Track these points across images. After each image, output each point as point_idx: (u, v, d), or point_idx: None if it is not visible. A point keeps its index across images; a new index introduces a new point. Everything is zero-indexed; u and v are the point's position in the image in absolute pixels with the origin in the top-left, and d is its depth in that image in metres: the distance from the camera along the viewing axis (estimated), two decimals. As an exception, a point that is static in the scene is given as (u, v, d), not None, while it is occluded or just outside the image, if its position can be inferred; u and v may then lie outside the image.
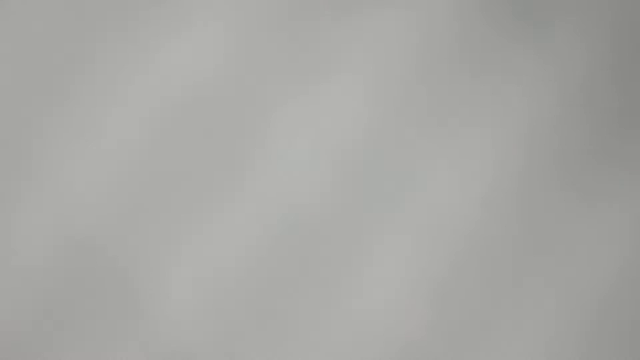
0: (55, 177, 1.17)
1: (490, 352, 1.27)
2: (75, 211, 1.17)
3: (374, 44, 1.28)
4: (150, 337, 1.18)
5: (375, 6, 1.28)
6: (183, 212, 1.21)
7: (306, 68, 1.25)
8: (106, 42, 1.20)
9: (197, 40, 1.23)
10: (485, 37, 1.31)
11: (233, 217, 1.22)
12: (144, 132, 1.21)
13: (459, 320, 1.27)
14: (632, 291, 1.33)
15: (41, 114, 1.18)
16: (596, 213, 1.33)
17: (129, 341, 1.17)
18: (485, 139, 1.30)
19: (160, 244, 1.19)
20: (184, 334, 1.19)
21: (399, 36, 1.29)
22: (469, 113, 1.30)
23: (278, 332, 1.22)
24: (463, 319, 1.27)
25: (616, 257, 1.33)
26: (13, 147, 1.17)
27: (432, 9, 1.30)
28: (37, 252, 1.16)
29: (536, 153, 1.32)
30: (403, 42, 1.29)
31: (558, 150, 1.33)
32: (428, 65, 1.29)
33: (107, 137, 1.19)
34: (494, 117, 1.31)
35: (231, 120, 1.23)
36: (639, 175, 1.35)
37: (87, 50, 1.20)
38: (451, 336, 1.26)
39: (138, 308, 1.18)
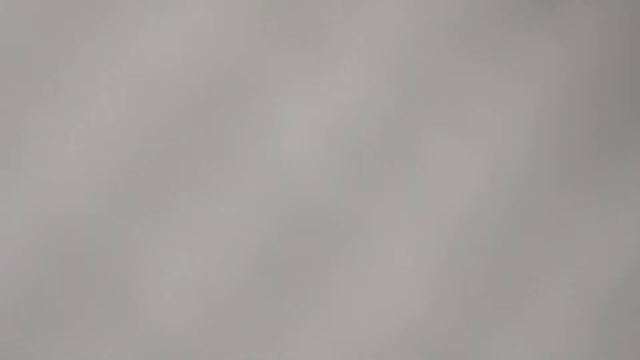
0: (37, 161, 1.17)
1: (493, 334, 1.30)
2: (60, 197, 1.17)
3: (384, 23, 1.29)
4: (143, 328, 1.19)
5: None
6: (177, 198, 1.21)
7: (312, 53, 1.26)
8: (94, 19, 1.20)
9: (196, 19, 1.23)
10: (496, 18, 1.33)
11: (229, 204, 1.23)
12: (137, 113, 1.20)
13: (462, 302, 1.29)
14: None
15: (22, 97, 1.17)
16: (606, 197, 1.37)
17: (119, 332, 1.18)
18: (494, 120, 1.32)
19: (152, 230, 1.20)
20: (177, 324, 1.20)
21: (409, 16, 1.30)
22: (478, 94, 1.32)
23: (276, 316, 1.23)
24: (466, 301, 1.29)
25: (628, 241, 1.37)
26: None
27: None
28: (19, 240, 1.15)
29: (545, 135, 1.35)
30: (413, 23, 1.30)
31: (568, 132, 1.36)
32: (437, 46, 1.31)
33: (94, 119, 1.19)
34: (503, 99, 1.33)
35: (230, 105, 1.23)
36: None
37: (73, 30, 1.19)
38: (454, 318, 1.29)
39: (129, 298, 1.19)
